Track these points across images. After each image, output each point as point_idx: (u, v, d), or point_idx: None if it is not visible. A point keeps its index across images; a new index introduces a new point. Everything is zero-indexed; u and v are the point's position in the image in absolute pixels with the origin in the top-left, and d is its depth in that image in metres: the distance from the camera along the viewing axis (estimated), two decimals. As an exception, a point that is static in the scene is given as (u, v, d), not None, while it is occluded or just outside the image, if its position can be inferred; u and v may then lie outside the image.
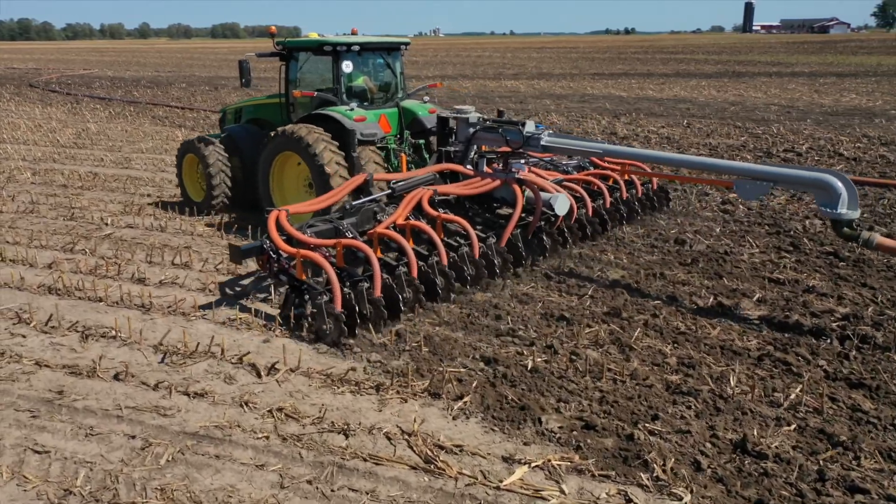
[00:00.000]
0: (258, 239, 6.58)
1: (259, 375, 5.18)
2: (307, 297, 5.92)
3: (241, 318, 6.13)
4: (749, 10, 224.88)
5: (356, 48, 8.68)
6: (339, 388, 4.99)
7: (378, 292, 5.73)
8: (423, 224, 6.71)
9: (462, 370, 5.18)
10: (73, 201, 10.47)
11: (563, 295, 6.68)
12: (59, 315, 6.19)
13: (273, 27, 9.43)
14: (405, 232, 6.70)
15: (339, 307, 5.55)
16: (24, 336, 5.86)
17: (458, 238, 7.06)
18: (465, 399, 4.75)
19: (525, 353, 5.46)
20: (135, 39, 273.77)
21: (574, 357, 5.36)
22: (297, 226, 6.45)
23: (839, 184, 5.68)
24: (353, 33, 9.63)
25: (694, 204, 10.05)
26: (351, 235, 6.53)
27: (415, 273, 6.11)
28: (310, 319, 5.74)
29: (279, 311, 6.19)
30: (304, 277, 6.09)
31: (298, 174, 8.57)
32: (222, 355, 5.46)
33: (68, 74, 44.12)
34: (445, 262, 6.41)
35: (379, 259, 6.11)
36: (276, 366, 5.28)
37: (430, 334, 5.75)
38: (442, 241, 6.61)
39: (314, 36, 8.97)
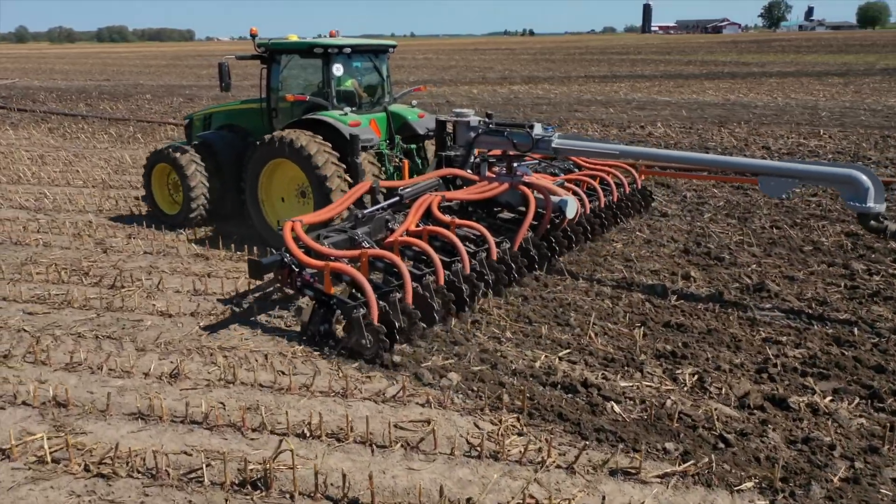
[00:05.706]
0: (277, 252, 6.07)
1: None
2: (338, 311, 5.63)
3: None
4: (647, 12, 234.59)
5: (347, 50, 8.32)
6: None
7: (410, 301, 5.53)
8: (444, 231, 6.55)
9: None
10: (242, 282, 7.08)
11: None
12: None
13: (254, 28, 8.56)
14: (420, 239, 6.43)
15: (376, 319, 5.25)
16: None
17: (468, 244, 6.93)
18: None
19: None
20: (12, 44, 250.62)
21: None
22: (311, 236, 6.16)
23: (865, 178, 5.83)
24: (332, 35, 9.02)
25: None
26: (368, 245, 6.35)
27: (441, 281, 5.93)
28: (342, 335, 5.52)
29: (302, 328, 5.85)
30: (332, 291, 5.76)
31: (290, 182, 8.10)
32: None
33: (-11, 86, 37.74)
34: (468, 269, 6.27)
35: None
36: None
37: None
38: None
39: (294, 38, 8.61)
